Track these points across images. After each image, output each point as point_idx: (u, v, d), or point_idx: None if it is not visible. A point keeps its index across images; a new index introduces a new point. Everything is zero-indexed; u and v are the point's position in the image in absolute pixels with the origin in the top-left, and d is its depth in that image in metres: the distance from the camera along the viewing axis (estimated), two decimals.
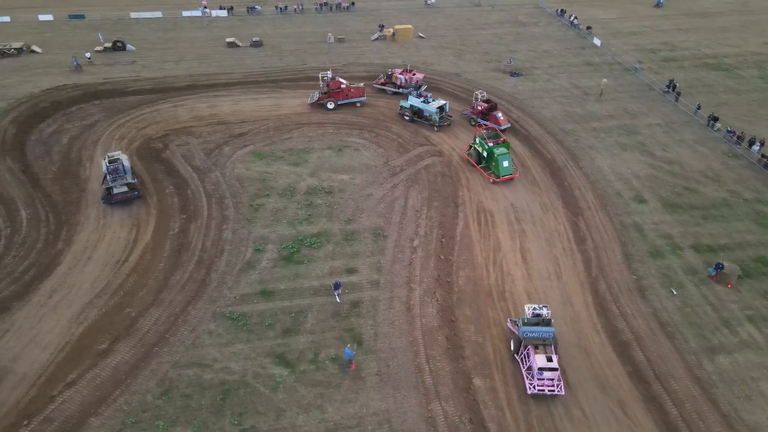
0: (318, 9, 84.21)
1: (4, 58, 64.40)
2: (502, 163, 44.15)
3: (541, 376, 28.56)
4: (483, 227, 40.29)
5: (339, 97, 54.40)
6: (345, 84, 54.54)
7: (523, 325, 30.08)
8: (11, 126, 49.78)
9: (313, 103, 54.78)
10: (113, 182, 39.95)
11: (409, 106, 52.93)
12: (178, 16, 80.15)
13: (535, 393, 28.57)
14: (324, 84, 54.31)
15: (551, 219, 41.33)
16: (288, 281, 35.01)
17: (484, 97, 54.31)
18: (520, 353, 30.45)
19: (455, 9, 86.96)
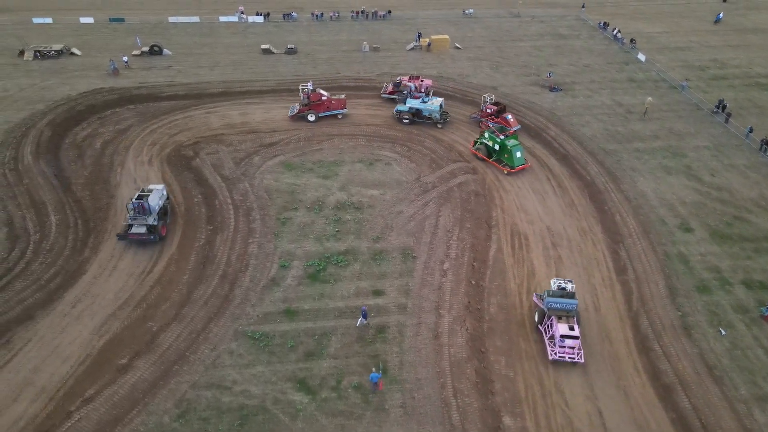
0: (354, 17, 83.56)
1: (45, 60, 65.45)
2: (515, 154, 45.97)
3: (563, 344, 30.48)
4: (517, 251, 38.56)
5: (320, 109, 52.98)
6: (326, 96, 53.21)
7: (549, 297, 31.75)
8: (47, 128, 50.21)
9: (293, 115, 53.26)
10: (133, 220, 37.03)
11: (408, 109, 52.97)
12: (215, 21, 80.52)
13: (556, 359, 30.53)
14: (304, 96, 52.76)
15: (589, 245, 39.32)
16: (313, 301, 33.95)
17: (492, 100, 54.19)
18: (543, 323, 32.30)
19: (493, 19, 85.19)
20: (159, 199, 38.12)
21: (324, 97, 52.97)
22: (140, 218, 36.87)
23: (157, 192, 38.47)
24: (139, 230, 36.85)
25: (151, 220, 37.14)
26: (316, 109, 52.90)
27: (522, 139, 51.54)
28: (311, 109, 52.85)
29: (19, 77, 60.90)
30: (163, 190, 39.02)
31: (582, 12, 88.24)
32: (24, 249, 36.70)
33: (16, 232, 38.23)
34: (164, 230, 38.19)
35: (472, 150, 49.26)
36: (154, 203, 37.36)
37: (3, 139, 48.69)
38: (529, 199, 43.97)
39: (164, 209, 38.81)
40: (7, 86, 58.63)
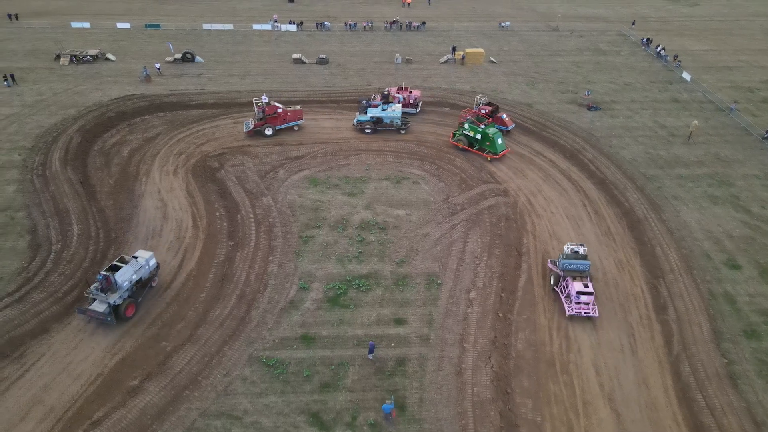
0: (387, 27, 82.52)
1: (80, 65, 66.22)
2: (497, 140, 48.28)
3: (579, 300, 33.32)
4: (548, 282, 36.46)
5: (276, 122, 51.61)
6: (281, 108, 51.78)
7: (564, 259, 34.83)
8: (77, 135, 50.35)
9: (249, 131, 51.14)
10: (95, 294, 31.34)
11: (369, 118, 52.50)
12: (249, 29, 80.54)
13: (573, 314, 33.48)
14: (259, 110, 50.77)
15: (627, 279, 36.96)
16: (331, 327, 32.56)
17: (485, 101, 54.00)
18: (559, 285, 35.36)
19: (531, 33, 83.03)
20: (135, 272, 32.55)
21: (279, 110, 51.54)
22: (103, 295, 31.19)
23: (136, 264, 32.86)
24: (98, 308, 31.13)
25: (114, 299, 31.31)
26: (273, 122, 51.46)
27: (556, 161, 49.58)
28: (267, 123, 51.32)
29: (54, 81, 61.65)
30: (149, 260, 33.59)
31: (627, 28, 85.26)
32: (45, 258, 36.38)
33: (38, 240, 38.01)
34: (131, 310, 32.32)
35: (451, 142, 50.75)
36: (124, 279, 31.84)
37: (34, 143, 49.03)
38: (562, 225, 41.81)
39: (143, 282, 33.55)
40: (42, 90, 59.36)
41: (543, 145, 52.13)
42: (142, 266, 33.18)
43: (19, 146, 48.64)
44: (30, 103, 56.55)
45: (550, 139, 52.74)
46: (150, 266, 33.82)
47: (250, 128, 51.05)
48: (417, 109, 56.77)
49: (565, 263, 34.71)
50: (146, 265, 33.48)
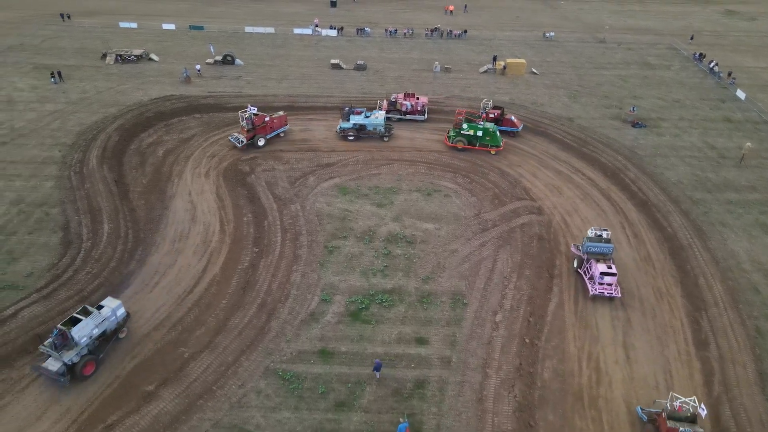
0: (428, 35, 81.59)
1: (125, 64, 67.73)
2: (497, 134, 49.85)
3: (602, 280, 34.61)
4: (580, 309, 34.71)
5: (266, 131, 50.31)
6: (268, 117, 50.44)
7: (588, 242, 35.97)
8: (115, 133, 51.28)
9: (242, 145, 49.33)
10: (49, 352, 28.10)
11: (352, 125, 51.84)
12: (290, 33, 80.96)
13: (596, 294, 34.88)
14: (247, 122, 48.83)
15: (666, 310, 34.83)
16: (351, 343, 31.73)
17: (491, 105, 54.04)
18: (582, 267, 36.65)
19: (576, 44, 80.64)
20: (96, 326, 29.06)
21: (267, 118, 50.27)
22: (56, 353, 27.95)
23: (98, 316, 29.30)
24: (51, 367, 27.72)
25: (70, 357, 27.91)
26: (263, 132, 50.16)
27: (596, 179, 47.58)
28: (257, 134, 49.87)
29: (99, 80, 63.18)
30: (116, 310, 30.17)
31: (678, 41, 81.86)
32: (74, 256, 36.87)
33: (70, 237, 38.60)
34: (90, 368, 28.71)
35: (449, 144, 50.92)
36: (83, 335, 28.42)
37: (74, 140, 50.15)
38: None
39: (107, 335, 30.02)
40: (86, 88, 60.87)
41: (582, 162, 50.13)
42: (107, 318, 29.69)
43: (60, 142, 49.82)
44: (74, 100, 58.04)
45: (591, 156, 50.70)
46: (117, 317, 30.32)
47: (242, 143, 49.25)
48: (424, 116, 55.92)
49: (590, 246, 36.03)
50: (112, 316, 29.98)
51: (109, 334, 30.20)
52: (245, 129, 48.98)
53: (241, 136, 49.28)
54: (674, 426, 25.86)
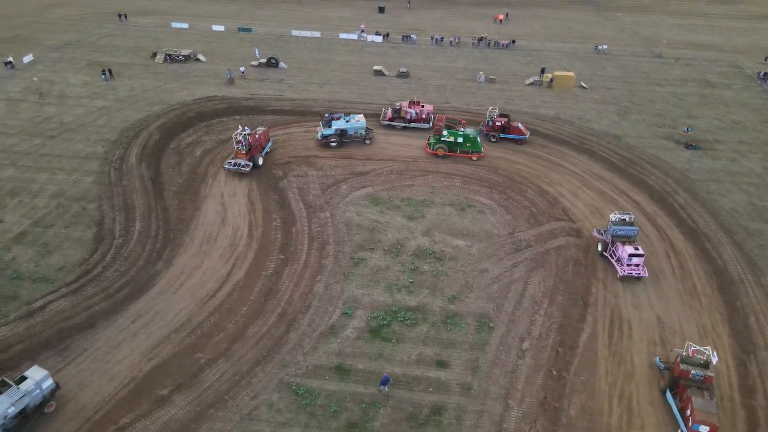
0: (475, 44, 79.99)
1: (173, 63, 69.16)
2: (477, 140, 49.52)
3: (630, 262, 36.10)
4: (615, 342, 32.58)
5: (258, 149, 47.66)
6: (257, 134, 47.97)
7: (613, 225, 37.63)
8: (157, 132, 52.13)
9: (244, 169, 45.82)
10: None
11: (335, 131, 50.76)
12: (335, 37, 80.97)
13: (625, 275, 36.34)
14: (244, 144, 45.50)
15: None
16: (368, 360, 30.74)
17: (497, 113, 53.15)
18: (608, 250, 38.19)
19: (630, 58, 77.33)
20: (13, 404, 25.14)
21: (257, 135, 47.72)
22: None
23: (16, 392, 25.44)
24: None
25: None
26: (257, 151, 47.50)
27: (642, 202, 45.05)
28: (254, 153, 46.93)
29: (147, 78, 64.66)
30: (41, 383, 26.29)
31: (742, 58, 77.38)
32: (105, 252, 37.40)
33: (103, 233, 39.22)
34: None
35: (429, 151, 50.47)
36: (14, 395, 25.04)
37: (117, 137, 51.26)
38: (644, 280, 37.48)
39: (28, 413, 25.91)
40: (134, 86, 62.38)
41: (628, 184, 47.58)
42: (30, 392, 25.79)
43: (104, 138, 51.02)
44: (122, 97, 59.52)
45: (638, 177, 48.08)
46: (43, 389, 26.38)
47: (247, 168, 45.72)
48: (429, 124, 55.14)
49: (616, 229, 37.57)
50: (36, 390, 26.10)
51: (31, 411, 26.03)
52: (242, 152, 45.83)
53: (242, 161, 45.84)
54: (686, 369, 28.34)
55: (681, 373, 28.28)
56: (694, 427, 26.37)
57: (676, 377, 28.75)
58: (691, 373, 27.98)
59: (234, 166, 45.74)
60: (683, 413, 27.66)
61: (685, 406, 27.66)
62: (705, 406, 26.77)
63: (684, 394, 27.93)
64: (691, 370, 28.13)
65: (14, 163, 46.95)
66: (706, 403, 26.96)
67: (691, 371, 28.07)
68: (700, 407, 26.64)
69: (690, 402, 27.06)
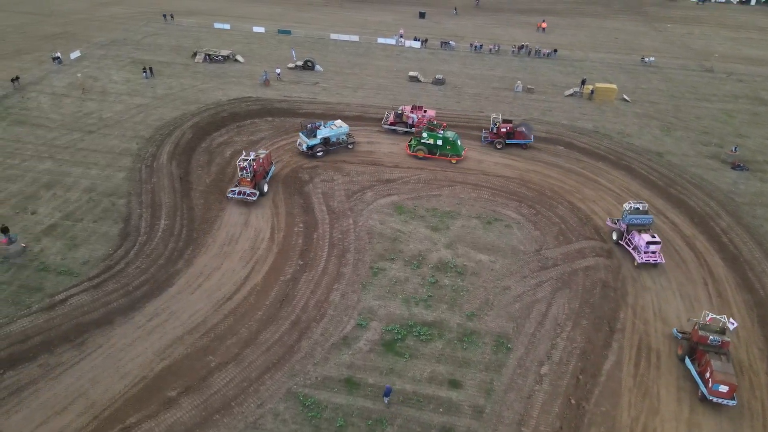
0: (515, 52, 78.27)
1: (212, 63, 70.22)
2: (457, 143, 49.53)
3: (648, 249, 37.27)
4: (641, 372, 30.79)
5: (261, 175, 44.13)
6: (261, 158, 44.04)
7: (629, 214, 38.78)
8: (190, 130, 52.83)
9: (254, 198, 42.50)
10: None
11: (320, 140, 49.46)
12: (373, 42, 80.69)
13: (642, 263, 37.51)
14: (248, 171, 42.27)
15: (746, 388, 30.08)
16: (379, 375, 29.96)
17: (501, 119, 52.34)
18: (623, 239, 39.45)
19: (678, 72, 74.13)
20: None
21: (261, 159, 44.06)
22: None
23: None
24: None
25: None
26: (261, 177, 43.99)
27: (680, 225, 42.82)
28: (259, 180, 43.53)
29: (185, 77, 65.83)
30: None
31: None
32: (129, 249, 37.88)
33: (129, 229, 39.78)
34: None
35: (410, 153, 50.41)
36: None
37: (152, 135, 52.17)
38: (673, 304, 35.48)
39: None
40: (172, 84, 63.57)
41: (666, 204, 45.33)
42: None
43: (139, 135, 52.02)
44: (160, 95, 60.71)
45: (677, 197, 45.75)
46: None
47: (254, 195, 42.47)
48: None
49: (632, 218, 38.74)
50: None
51: None
52: (247, 180, 42.67)
53: (247, 189, 42.64)
54: (705, 335, 30.03)
55: (699, 339, 30.21)
56: (714, 387, 28.08)
57: (694, 343, 30.55)
58: (709, 338, 29.99)
59: (238, 195, 42.52)
60: (702, 376, 29.33)
61: (704, 369, 29.27)
62: (723, 368, 28.50)
63: (702, 358, 29.72)
64: (709, 336, 30.04)
65: (52, 156, 48.35)
66: (724, 365, 28.70)
67: (709, 337, 30.02)
68: (718, 369, 28.37)
69: (709, 365, 28.73)
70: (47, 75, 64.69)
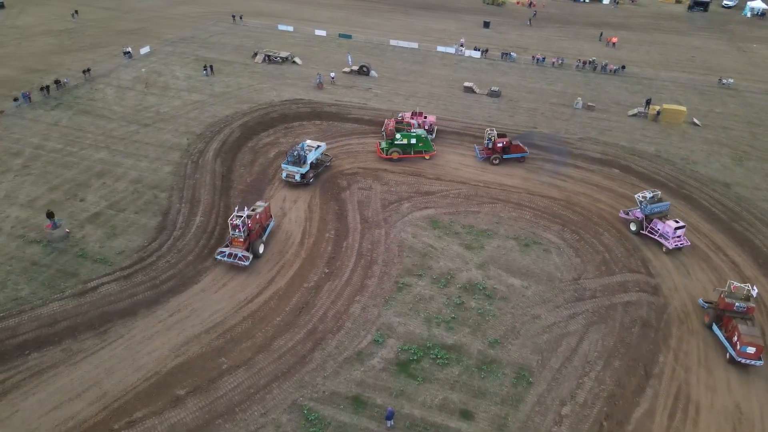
0: (579, 66, 74.80)
1: (270, 64, 71.46)
2: (429, 140, 50.34)
3: (676, 234, 38.90)
4: (676, 425, 27.98)
5: (258, 234, 37.93)
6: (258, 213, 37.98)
7: (649, 204, 40.14)
8: (238, 129, 53.77)
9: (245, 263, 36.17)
10: None
11: (310, 165, 45.57)
12: (432, 50, 79.55)
13: (674, 247, 39.03)
14: (242, 230, 35.91)
15: None
16: (388, 396, 28.83)
17: (495, 134, 50.55)
18: (645, 228, 40.57)
19: (760, 96, 68.38)
20: None
21: (258, 216, 37.81)
22: None
23: None
24: None
25: None
26: (255, 236, 37.58)
27: (742, 265, 39.09)
28: (254, 240, 37.31)
29: (243, 76, 67.28)
30: None
31: None
32: (163, 242, 38.71)
33: (165, 223, 40.72)
34: None
35: (384, 156, 49.95)
36: None
37: (202, 131, 53.51)
38: (723, 353, 32.16)
39: None
40: (229, 83, 65.12)
41: (728, 240, 41.50)
42: None
43: (191, 131, 53.47)
44: (216, 93, 62.30)
45: (741, 234, 41.80)
46: None
47: (246, 259, 36.12)
48: (432, 135, 53.55)
49: (652, 207, 39.98)
50: None
51: None
52: (240, 240, 36.34)
53: (239, 251, 36.14)
54: (731, 302, 32.08)
55: (726, 306, 32.26)
56: (742, 348, 30.24)
57: (721, 311, 32.61)
58: (735, 305, 31.96)
59: (228, 258, 36.22)
60: (730, 340, 31.46)
61: (731, 334, 31.45)
62: (750, 332, 30.69)
63: (729, 324, 31.91)
64: (735, 302, 32.01)
65: (108, 147, 50.47)
66: (751, 329, 30.90)
67: (735, 303, 31.99)
68: (746, 332, 30.52)
69: (736, 329, 30.88)
70: (117, 68, 67.95)
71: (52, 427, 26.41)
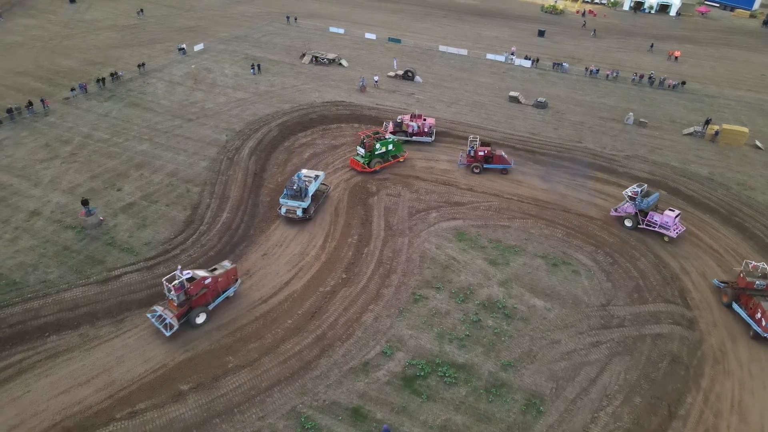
0: (636, 80, 71.29)
1: (317, 65, 71.98)
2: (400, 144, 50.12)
3: (675, 223, 40.14)
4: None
5: (207, 298, 32.65)
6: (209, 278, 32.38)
7: (643, 198, 40.48)
8: (276, 128, 54.26)
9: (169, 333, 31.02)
10: None
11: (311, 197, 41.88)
12: (482, 57, 77.92)
13: (674, 236, 39.97)
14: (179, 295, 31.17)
15: None
16: (389, 412, 27.96)
17: (479, 142, 49.53)
18: (642, 222, 41.05)
19: None
20: None
21: (208, 280, 32.30)
22: None
23: None
24: None
25: None
26: (202, 302, 32.47)
27: None
28: (194, 307, 32.15)
29: (289, 76, 68.05)
30: None
31: None
32: (188, 236, 39.33)
33: (194, 217, 41.37)
34: None
35: (367, 169, 48.27)
36: None
37: (242, 128, 54.31)
38: (762, 399, 29.42)
39: None
40: (274, 82, 65.99)
41: None
42: None
43: (231, 128, 54.39)
44: (261, 91, 63.25)
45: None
46: None
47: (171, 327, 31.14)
48: (431, 138, 53.43)
49: (647, 201, 40.60)
50: None
51: None
52: (174, 302, 31.53)
53: (168, 317, 31.24)
54: (752, 280, 33.54)
55: (746, 284, 33.75)
56: (767, 324, 31.48)
57: (740, 289, 34.00)
58: (756, 283, 33.44)
59: (155, 319, 31.76)
60: (753, 317, 32.66)
61: (753, 311, 32.78)
62: None
63: (750, 302, 33.25)
64: (756, 281, 33.48)
65: (151, 139, 52.04)
66: None
67: (755, 282, 33.48)
68: None
69: (759, 306, 32.27)
70: (170, 63, 70.24)
71: (58, 410, 27.11)
